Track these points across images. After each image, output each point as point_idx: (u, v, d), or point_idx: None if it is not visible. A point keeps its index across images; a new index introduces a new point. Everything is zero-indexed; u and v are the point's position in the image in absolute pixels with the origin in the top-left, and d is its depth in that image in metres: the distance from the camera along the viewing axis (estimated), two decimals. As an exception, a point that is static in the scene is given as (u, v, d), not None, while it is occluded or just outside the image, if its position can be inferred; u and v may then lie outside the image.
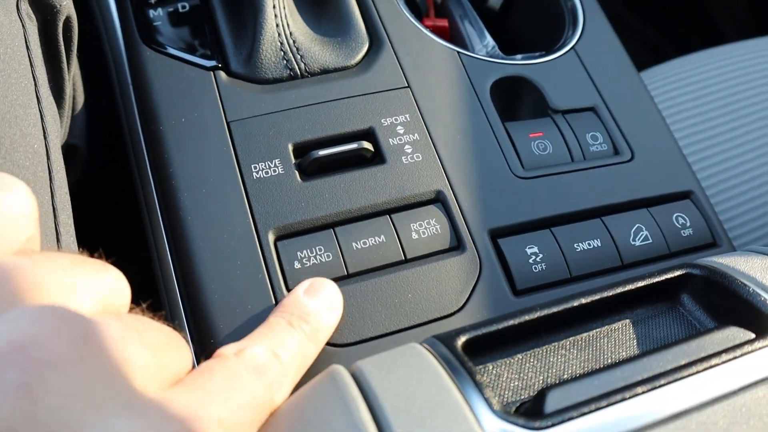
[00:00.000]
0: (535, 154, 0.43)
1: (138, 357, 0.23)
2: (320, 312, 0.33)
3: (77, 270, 0.24)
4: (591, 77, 0.47)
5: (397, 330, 0.36)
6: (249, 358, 0.28)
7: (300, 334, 0.31)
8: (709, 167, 0.65)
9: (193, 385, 0.24)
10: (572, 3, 0.52)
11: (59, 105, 0.42)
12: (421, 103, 0.43)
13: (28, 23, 0.38)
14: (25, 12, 0.38)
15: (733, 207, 0.64)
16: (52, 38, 0.41)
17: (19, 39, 0.37)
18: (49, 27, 0.40)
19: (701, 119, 0.66)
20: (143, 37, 0.44)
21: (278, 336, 0.31)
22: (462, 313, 0.37)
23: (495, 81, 0.46)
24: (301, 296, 0.34)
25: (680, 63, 0.74)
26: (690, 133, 0.66)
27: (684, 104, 0.67)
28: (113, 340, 0.22)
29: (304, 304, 0.33)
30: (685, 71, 0.70)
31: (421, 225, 0.39)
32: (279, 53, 0.43)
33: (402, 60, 0.45)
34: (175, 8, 0.46)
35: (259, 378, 0.27)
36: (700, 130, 0.65)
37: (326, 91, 0.43)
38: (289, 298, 0.34)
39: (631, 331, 0.34)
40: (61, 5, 0.40)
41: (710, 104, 0.67)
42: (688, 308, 0.35)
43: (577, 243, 0.40)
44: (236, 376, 0.26)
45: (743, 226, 0.64)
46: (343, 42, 0.45)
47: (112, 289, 0.25)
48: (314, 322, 0.33)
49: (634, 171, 0.44)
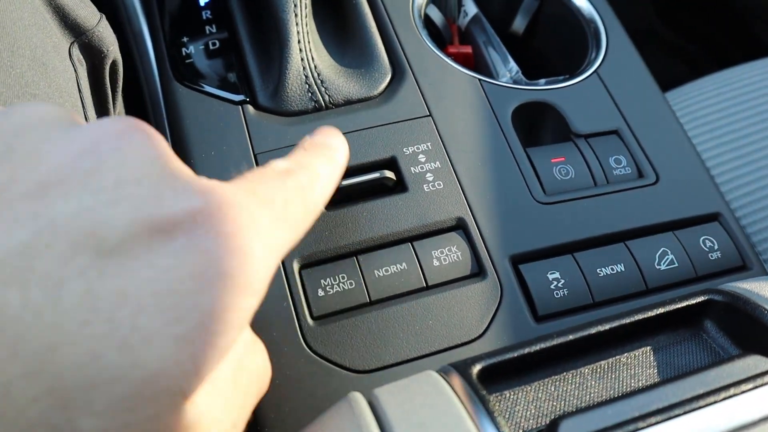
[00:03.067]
0: (557, 179, 0.43)
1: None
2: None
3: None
4: (614, 100, 0.48)
5: (418, 356, 0.37)
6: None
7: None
8: (742, 186, 0.64)
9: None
10: (595, 26, 0.52)
11: None
12: (442, 131, 0.44)
13: (79, 67, 0.41)
14: (76, 57, 0.41)
15: None
16: (100, 81, 0.43)
17: (72, 82, 0.39)
18: (97, 70, 0.43)
19: (735, 136, 0.65)
20: (176, 73, 0.46)
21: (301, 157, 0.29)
22: (483, 340, 0.37)
23: (516, 107, 0.46)
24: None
25: (714, 79, 0.73)
26: (724, 151, 0.65)
27: (717, 121, 0.66)
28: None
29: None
30: (718, 87, 0.69)
31: (442, 252, 0.40)
32: (304, 86, 0.45)
33: (424, 89, 0.46)
34: (206, 44, 0.48)
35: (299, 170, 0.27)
36: (733, 147, 0.64)
37: (350, 122, 0.44)
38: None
39: (651, 358, 0.33)
40: (109, 50, 0.42)
41: (744, 120, 0.66)
42: (712, 335, 0.34)
43: (600, 268, 0.40)
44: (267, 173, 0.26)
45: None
46: (366, 73, 0.47)
47: None
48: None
49: (659, 194, 0.44)
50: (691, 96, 0.71)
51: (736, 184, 0.65)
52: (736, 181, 0.65)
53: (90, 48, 0.41)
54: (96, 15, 0.42)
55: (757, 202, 0.64)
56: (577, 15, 0.53)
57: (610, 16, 0.52)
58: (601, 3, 0.53)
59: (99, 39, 0.41)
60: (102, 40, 0.42)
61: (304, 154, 0.30)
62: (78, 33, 0.41)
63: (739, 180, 0.65)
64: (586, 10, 0.53)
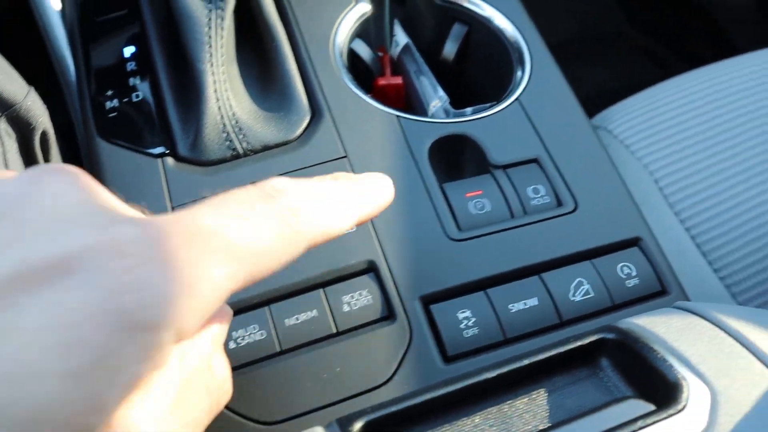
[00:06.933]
0: (472, 213, 0.44)
1: None
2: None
3: None
4: (535, 127, 0.47)
5: (326, 405, 0.37)
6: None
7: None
8: (685, 199, 0.63)
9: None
10: (519, 50, 0.52)
11: None
12: (357, 172, 0.44)
13: (7, 140, 0.42)
14: (4, 129, 0.42)
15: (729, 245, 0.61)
16: (30, 151, 0.45)
17: None
18: (27, 141, 0.44)
19: (678, 147, 0.64)
20: (99, 129, 0.47)
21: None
22: (391, 384, 0.38)
23: (434, 141, 0.46)
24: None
25: (668, 85, 0.72)
26: (670, 162, 0.64)
27: (663, 132, 0.66)
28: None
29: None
30: (668, 95, 0.69)
31: (353, 297, 0.40)
32: (222, 134, 0.45)
33: (341, 130, 0.46)
34: (129, 98, 0.49)
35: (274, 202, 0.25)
36: (678, 159, 0.64)
37: (266, 168, 0.45)
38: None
39: (544, 401, 0.33)
40: (38, 122, 0.43)
41: (690, 130, 0.65)
42: (607, 373, 0.34)
43: (513, 303, 0.40)
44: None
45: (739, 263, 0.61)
46: (285, 117, 0.47)
47: None
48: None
49: (577, 222, 0.44)
50: (641, 106, 0.71)
51: (678, 198, 0.64)
52: (685, 190, 0.64)
53: (18, 120, 0.43)
54: (24, 89, 0.43)
55: (709, 210, 0.63)
56: (502, 39, 0.53)
57: (534, 38, 0.52)
58: (525, 25, 0.53)
59: (27, 111, 0.43)
60: (30, 113, 0.43)
61: (324, 178, 0.28)
62: (5, 108, 0.42)
63: (689, 189, 0.64)
64: (510, 34, 0.53)
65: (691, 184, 0.64)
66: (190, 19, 0.46)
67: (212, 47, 0.46)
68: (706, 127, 0.65)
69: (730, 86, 0.68)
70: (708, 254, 0.61)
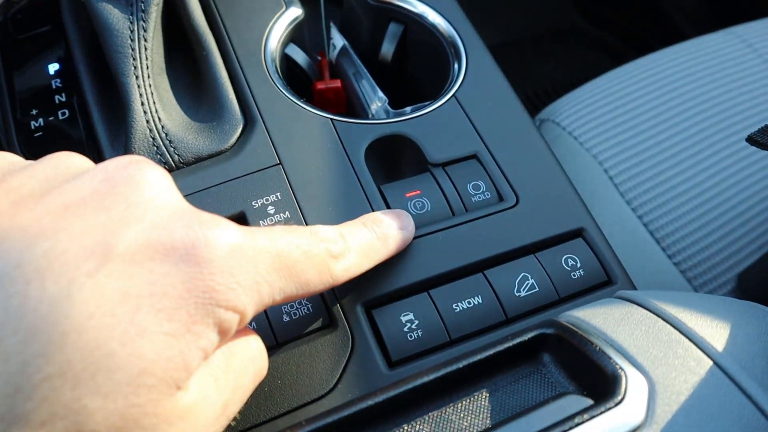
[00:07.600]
0: (413, 214, 0.43)
1: None
2: (393, 223, 0.38)
3: None
4: (473, 123, 0.47)
5: (269, 419, 0.36)
6: (316, 229, 0.32)
7: (370, 232, 0.36)
8: (635, 187, 0.63)
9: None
10: (455, 45, 0.51)
11: None
12: (292, 179, 0.43)
13: None
14: None
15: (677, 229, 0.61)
16: None
17: None
18: None
19: (626, 136, 0.64)
20: (23, 149, 0.45)
21: (349, 226, 0.35)
22: (334, 394, 0.37)
23: (370, 143, 0.45)
24: (378, 212, 0.39)
25: (620, 72, 0.72)
26: (619, 151, 0.64)
27: (611, 121, 0.66)
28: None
29: (379, 215, 0.38)
30: (614, 84, 0.69)
31: (292, 306, 0.39)
32: (152, 148, 0.44)
33: (274, 137, 0.45)
34: (55, 116, 0.47)
35: (319, 241, 0.31)
36: (626, 148, 0.64)
37: (200, 180, 0.43)
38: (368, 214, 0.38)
39: (486, 401, 0.33)
40: None
41: (638, 117, 0.65)
42: (550, 369, 0.33)
43: (456, 303, 0.39)
44: (296, 230, 0.31)
45: (690, 247, 0.61)
46: (218, 126, 0.46)
47: None
48: (386, 228, 0.37)
49: (519, 216, 0.43)
50: (596, 92, 0.71)
51: (634, 183, 0.64)
52: (635, 179, 0.64)
53: None
54: None
55: (659, 197, 0.63)
56: (438, 36, 0.52)
57: (469, 32, 0.52)
58: (459, 20, 0.52)
59: None
60: None
61: (354, 223, 0.36)
62: None
63: (639, 177, 0.64)
64: (445, 29, 0.52)
65: (640, 172, 0.64)
66: (110, 31, 0.44)
67: (136, 59, 0.45)
68: (652, 114, 0.65)
69: (675, 72, 0.69)
70: (661, 241, 0.61)
